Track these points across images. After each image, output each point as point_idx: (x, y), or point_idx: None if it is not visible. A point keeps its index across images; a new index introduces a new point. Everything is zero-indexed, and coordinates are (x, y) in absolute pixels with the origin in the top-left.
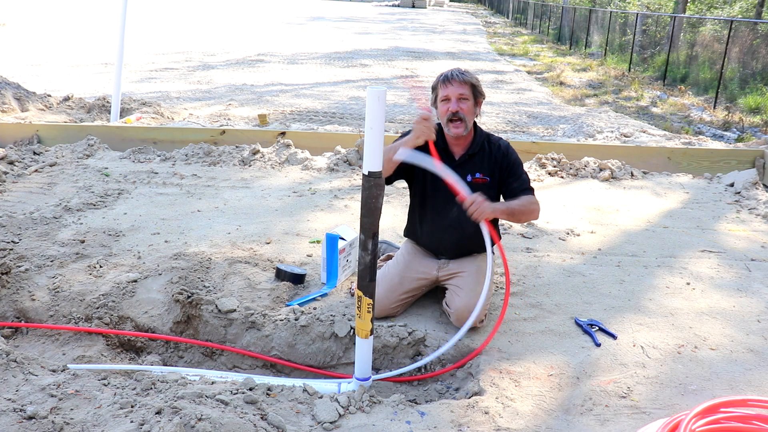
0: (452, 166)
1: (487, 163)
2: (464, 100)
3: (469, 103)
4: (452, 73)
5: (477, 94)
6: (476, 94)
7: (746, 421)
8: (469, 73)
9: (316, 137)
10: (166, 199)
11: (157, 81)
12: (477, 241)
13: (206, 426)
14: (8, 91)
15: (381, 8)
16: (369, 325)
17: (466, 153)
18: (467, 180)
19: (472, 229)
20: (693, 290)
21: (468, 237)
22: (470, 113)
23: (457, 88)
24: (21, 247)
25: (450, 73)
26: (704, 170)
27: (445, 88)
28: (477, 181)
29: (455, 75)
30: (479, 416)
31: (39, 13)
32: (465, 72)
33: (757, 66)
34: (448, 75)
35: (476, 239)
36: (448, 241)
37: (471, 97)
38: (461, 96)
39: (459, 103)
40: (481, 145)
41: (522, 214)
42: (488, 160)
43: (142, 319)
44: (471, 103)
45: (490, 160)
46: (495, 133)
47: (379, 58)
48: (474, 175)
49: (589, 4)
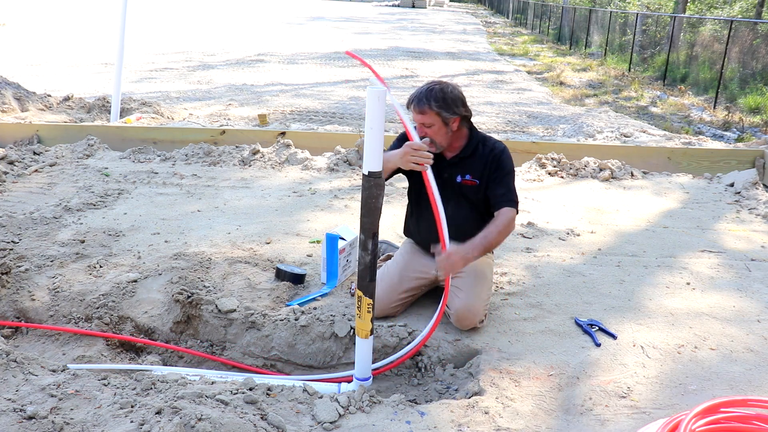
0: (443, 166)
1: (478, 166)
2: (428, 126)
3: (434, 128)
4: (413, 99)
5: (445, 114)
6: (444, 115)
7: (746, 421)
8: (432, 97)
9: (316, 137)
10: (166, 199)
11: (156, 81)
12: None
13: (206, 426)
14: (8, 90)
15: (381, 8)
16: (369, 325)
17: (458, 155)
18: (457, 180)
19: (467, 227)
20: (693, 290)
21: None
22: (438, 136)
23: (416, 116)
24: (21, 247)
25: (411, 99)
26: (704, 170)
27: (411, 112)
28: (466, 183)
29: (414, 103)
30: (479, 416)
31: (39, 13)
32: (427, 97)
33: (757, 66)
34: (411, 100)
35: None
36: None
37: (436, 121)
38: (423, 124)
39: (423, 129)
40: (474, 148)
41: (498, 242)
42: (479, 163)
43: (142, 319)
44: (437, 127)
45: (481, 163)
46: (495, 133)
47: (378, 58)
48: (464, 177)
49: (589, 4)
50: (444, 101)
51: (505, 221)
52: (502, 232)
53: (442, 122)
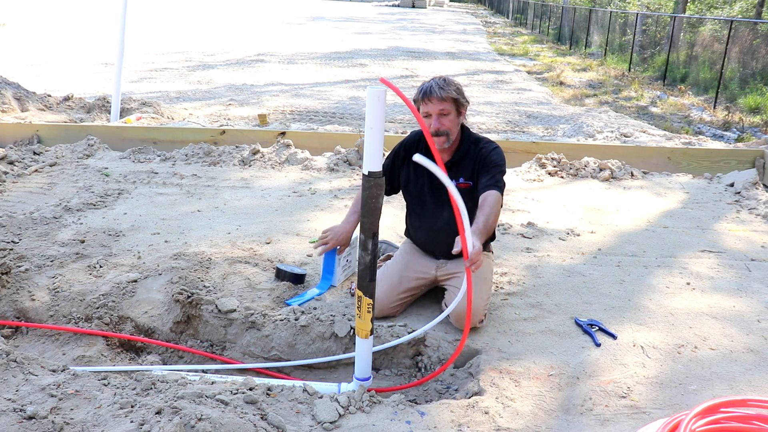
0: None
1: (470, 167)
2: (445, 115)
3: (450, 117)
4: (431, 89)
5: (459, 104)
6: (458, 105)
7: (746, 421)
8: (449, 85)
9: (316, 137)
10: (166, 199)
11: (156, 81)
12: None
13: (206, 426)
14: (8, 90)
15: (381, 8)
16: (369, 325)
17: (451, 159)
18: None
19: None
20: (693, 290)
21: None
22: (453, 126)
23: (437, 104)
24: (21, 247)
25: (429, 89)
26: (704, 170)
27: (425, 104)
28: (461, 186)
29: (434, 92)
30: (479, 416)
31: (39, 13)
32: (444, 85)
33: (757, 66)
34: (427, 90)
35: None
36: (442, 243)
37: (452, 110)
38: (441, 112)
39: (440, 119)
40: (466, 150)
41: (494, 225)
42: (471, 164)
43: (142, 319)
44: (453, 116)
45: (472, 162)
46: (495, 132)
47: (378, 58)
48: (458, 180)
49: (589, 4)
50: (458, 89)
51: (492, 202)
52: (496, 213)
53: (456, 111)
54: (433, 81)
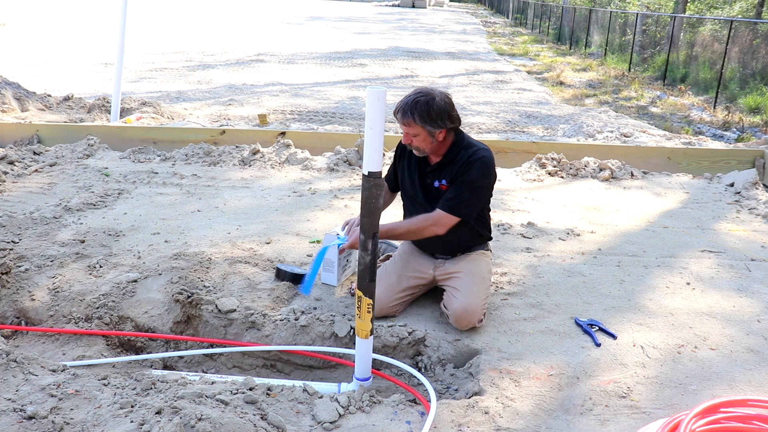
0: (426, 172)
1: (453, 172)
2: (414, 135)
3: (419, 138)
4: (398, 110)
5: (429, 128)
6: (429, 129)
7: (746, 421)
8: (417, 110)
9: (316, 137)
10: (166, 199)
11: (156, 81)
12: (467, 239)
13: (206, 426)
14: (8, 90)
15: (380, 8)
16: (369, 325)
17: (440, 161)
18: (435, 186)
19: (448, 235)
20: (693, 290)
21: (445, 243)
22: (423, 145)
23: (401, 125)
24: (21, 247)
25: (396, 109)
26: (704, 170)
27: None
28: (442, 188)
29: (398, 114)
30: (479, 416)
31: (39, 13)
32: (409, 109)
33: (757, 66)
34: (396, 110)
35: (465, 237)
36: (434, 240)
37: (421, 132)
38: (408, 132)
39: (408, 136)
40: (455, 154)
41: (402, 234)
42: (455, 168)
43: (142, 319)
44: (422, 137)
45: (456, 167)
46: (494, 133)
47: (378, 58)
48: (441, 182)
49: (589, 4)
50: (428, 115)
51: (421, 219)
52: (416, 230)
53: (428, 134)
54: (407, 99)
